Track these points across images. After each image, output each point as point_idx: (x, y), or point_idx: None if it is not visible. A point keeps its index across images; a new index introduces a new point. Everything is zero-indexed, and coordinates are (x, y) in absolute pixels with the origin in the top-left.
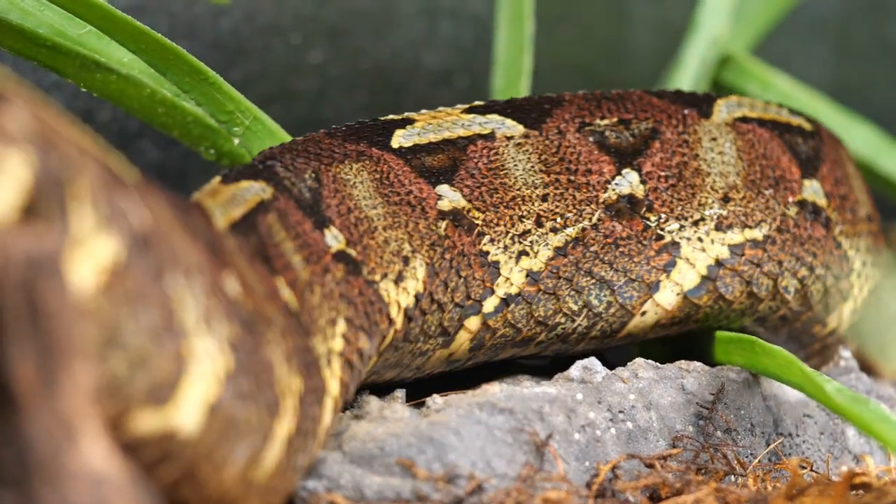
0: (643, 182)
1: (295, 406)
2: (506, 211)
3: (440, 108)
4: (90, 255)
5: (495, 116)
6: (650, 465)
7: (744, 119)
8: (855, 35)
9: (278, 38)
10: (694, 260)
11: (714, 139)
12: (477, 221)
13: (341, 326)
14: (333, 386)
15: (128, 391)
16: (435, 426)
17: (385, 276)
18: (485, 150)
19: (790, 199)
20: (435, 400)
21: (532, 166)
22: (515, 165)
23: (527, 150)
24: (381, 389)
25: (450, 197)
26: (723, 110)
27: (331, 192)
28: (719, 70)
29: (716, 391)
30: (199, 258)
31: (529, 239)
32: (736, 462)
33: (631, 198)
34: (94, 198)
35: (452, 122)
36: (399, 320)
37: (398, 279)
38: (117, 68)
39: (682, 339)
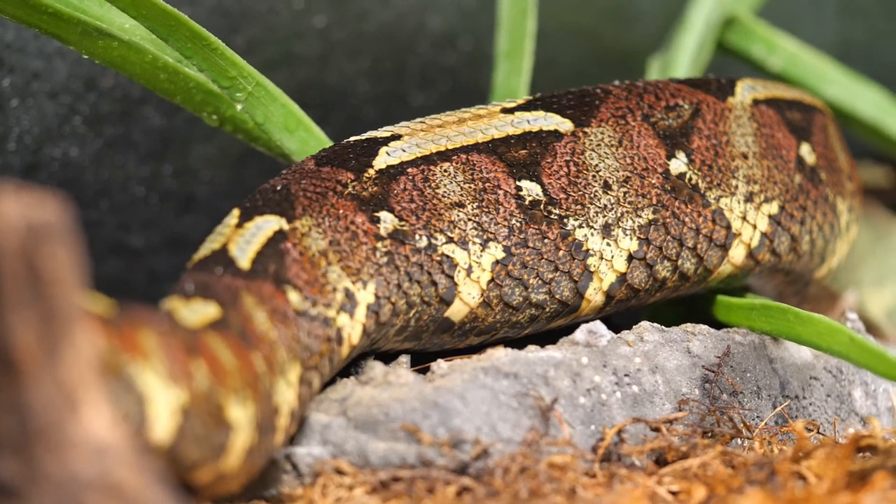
0: None
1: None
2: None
3: None
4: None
5: None
6: (656, 429)
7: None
8: None
9: (281, 2)
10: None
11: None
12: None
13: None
14: None
15: None
16: (440, 391)
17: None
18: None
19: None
20: (440, 365)
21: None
22: None
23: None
24: (388, 356)
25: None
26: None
27: None
28: (724, 32)
29: (722, 354)
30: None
31: None
32: (742, 425)
33: None
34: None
35: None
36: None
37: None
38: (119, 35)
39: (690, 302)
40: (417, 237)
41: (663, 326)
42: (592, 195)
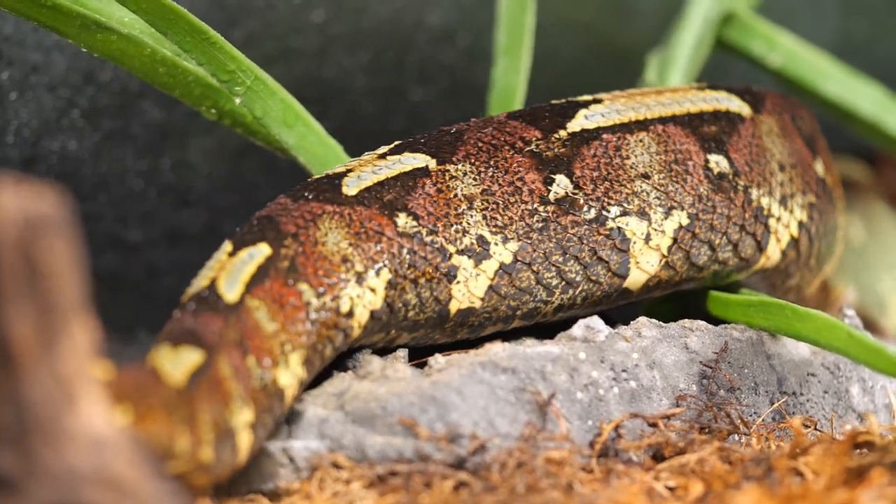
0: None
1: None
2: None
3: None
4: None
5: None
6: (653, 425)
7: None
8: None
9: None
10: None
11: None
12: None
13: None
14: None
15: None
16: (437, 385)
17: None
18: None
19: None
20: (437, 359)
21: None
22: None
23: None
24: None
25: None
26: None
27: None
28: (723, 28)
29: (719, 350)
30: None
31: None
32: (739, 421)
33: None
34: None
35: None
36: None
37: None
38: (118, 28)
39: (687, 298)
40: (586, 209)
41: (661, 322)
42: (771, 172)
